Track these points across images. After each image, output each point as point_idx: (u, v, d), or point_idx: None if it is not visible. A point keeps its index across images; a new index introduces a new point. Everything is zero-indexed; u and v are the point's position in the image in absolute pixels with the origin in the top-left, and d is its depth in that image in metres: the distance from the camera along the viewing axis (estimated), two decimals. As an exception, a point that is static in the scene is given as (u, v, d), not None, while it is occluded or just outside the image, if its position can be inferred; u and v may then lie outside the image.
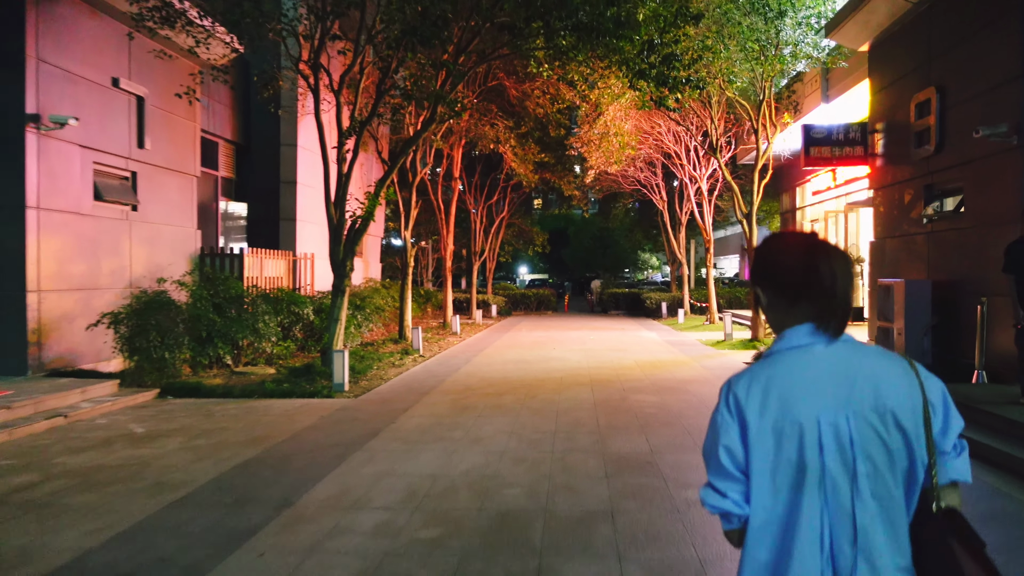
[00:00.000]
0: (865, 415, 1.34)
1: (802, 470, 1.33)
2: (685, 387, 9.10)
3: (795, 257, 1.44)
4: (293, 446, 6.14)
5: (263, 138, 15.60)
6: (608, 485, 4.87)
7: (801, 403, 1.35)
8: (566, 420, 7.12)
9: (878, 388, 1.35)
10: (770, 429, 1.36)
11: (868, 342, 11.44)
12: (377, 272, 21.82)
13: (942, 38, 9.08)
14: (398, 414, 7.54)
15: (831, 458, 1.33)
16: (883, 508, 1.32)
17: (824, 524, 1.32)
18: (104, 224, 10.02)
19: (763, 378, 1.40)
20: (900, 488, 1.35)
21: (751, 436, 1.38)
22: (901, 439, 1.34)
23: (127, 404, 8.14)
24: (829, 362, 1.38)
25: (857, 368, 1.37)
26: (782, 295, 1.46)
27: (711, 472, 1.45)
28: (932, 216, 9.42)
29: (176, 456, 5.81)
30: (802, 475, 1.33)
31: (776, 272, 1.47)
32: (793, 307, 1.44)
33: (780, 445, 1.35)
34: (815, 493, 1.33)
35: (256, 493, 4.78)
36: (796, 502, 1.34)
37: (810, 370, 1.37)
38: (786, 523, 1.35)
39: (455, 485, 4.92)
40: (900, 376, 1.37)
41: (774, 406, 1.36)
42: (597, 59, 10.51)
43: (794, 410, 1.35)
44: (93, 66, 9.73)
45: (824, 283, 1.38)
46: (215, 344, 9.93)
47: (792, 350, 1.42)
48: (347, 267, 10.11)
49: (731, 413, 1.42)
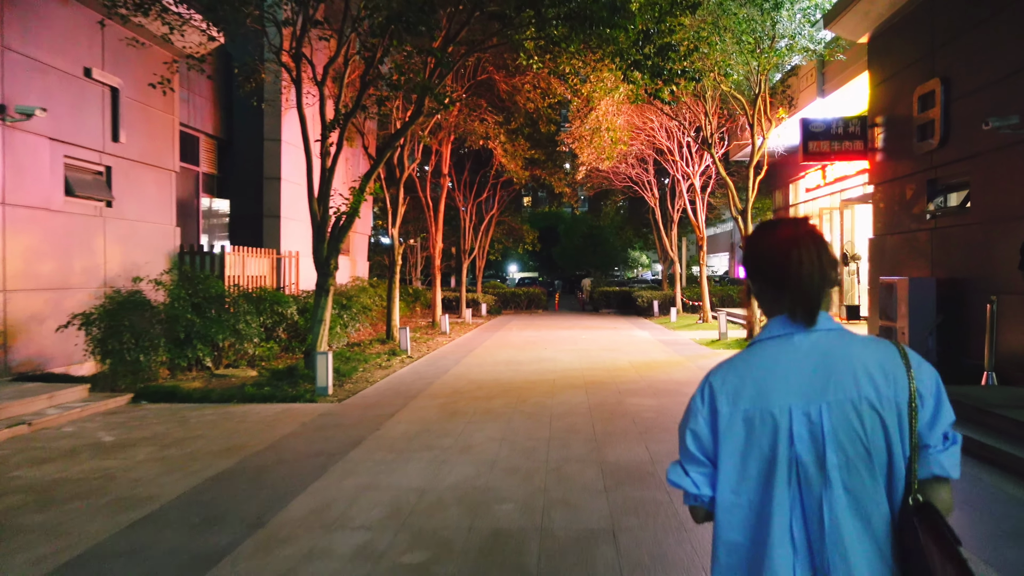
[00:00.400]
0: (840, 406, 1.32)
1: (773, 460, 1.33)
2: (682, 389, 8.78)
3: (774, 246, 1.43)
4: (271, 456, 5.76)
5: (246, 133, 15.16)
6: (608, 499, 4.53)
7: (774, 393, 1.34)
8: (560, 426, 6.78)
9: (857, 378, 1.33)
10: (741, 418, 1.36)
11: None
12: (365, 270, 21.41)
13: (947, 28, 8.80)
14: (384, 420, 7.17)
15: (802, 448, 1.32)
16: (855, 501, 1.30)
17: (793, 515, 1.31)
18: (76, 221, 9.57)
19: (739, 367, 1.41)
20: (878, 482, 1.32)
21: (721, 424, 1.38)
22: (880, 431, 1.32)
23: (97, 410, 7.72)
24: (807, 351, 1.37)
25: (837, 357, 1.35)
26: (766, 284, 1.45)
27: (680, 452, 1.47)
28: (936, 212, 9.15)
29: (144, 468, 5.42)
30: (772, 465, 1.33)
31: (759, 261, 1.47)
32: (777, 296, 1.43)
33: (751, 434, 1.35)
34: (784, 483, 1.32)
35: (227, 510, 4.40)
36: (767, 491, 1.33)
37: (786, 359, 1.37)
38: (758, 511, 1.34)
39: (443, 500, 4.56)
40: (885, 365, 1.35)
41: (747, 395, 1.36)
42: (590, 51, 10.18)
43: (767, 400, 1.35)
44: (63, 55, 9.28)
45: (792, 271, 1.37)
46: (194, 346, 9.51)
47: (771, 340, 1.41)
48: (331, 266, 9.72)
49: (703, 400, 1.43)
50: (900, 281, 8.89)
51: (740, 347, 13.50)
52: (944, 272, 8.85)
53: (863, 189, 15.61)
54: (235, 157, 15.24)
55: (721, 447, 1.38)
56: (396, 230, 15.50)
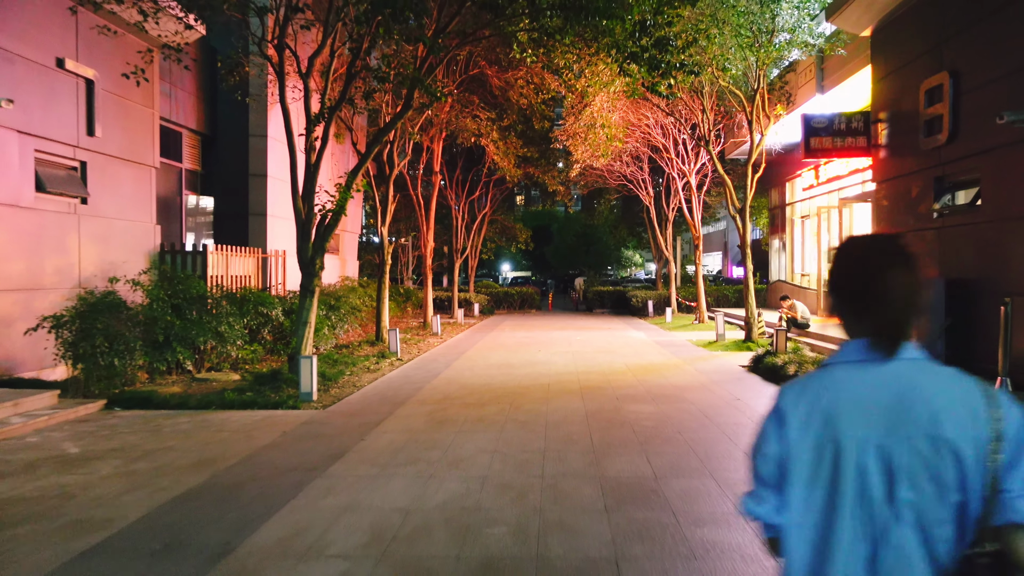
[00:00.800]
0: (915, 441, 1.25)
1: (838, 491, 1.28)
2: (682, 395, 8.43)
3: (862, 265, 1.35)
4: (245, 471, 5.37)
5: (231, 128, 14.72)
6: (609, 522, 4.16)
7: (845, 422, 1.29)
8: (556, 436, 6.41)
9: (936, 414, 1.25)
10: (811, 444, 1.31)
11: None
12: (355, 270, 20.99)
13: (956, 19, 8.47)
14: (369, 429, 6.78)
15: (871, 482, 1.26)
16: (924, 540, 1.24)
17: (858, 549, 1.26)
18: (48, 218, 9.13)
19: (811, 391, 1.35)
20: (950, 522, 1.24)
21: (791, 449, 1.34)
22: (955, 471, 1.24)
23: (66, 418, 7.30)
24: (885, 381, 1.29)
25: (916, 390, 1.28)
26: (849, 304, 1.38)
27: (753, 479, 1.43)
28: (943, 210, 8.83)
29: (107, 484, 5.01)
30: (838, 496, 1.28)
31: (843, 279, 1.39)
32: (859, 319, 1.36)
33: (819, 462, 1.30)
34: (849, 516, 1.26)
35: (192, 535, 4.01)
36: (831, 523, 1.28)
37: (861, 387, 1.30)
38: (821, 543, 1.29)
39: (429, 523, 4.18)
40: (967, 402, 1.26)
41: (817, 421, 1.31)
42: (585, 43, 9.83)
43: (837, 428, 1.29)
44: (33, 44, 8.84)
45: (878, 296, 1.31)
46: (173, 349, 9.11)
47: (845, 364, 1.35)
48: (317, 266, 9.31)
49: (775, 423, 1.38)
50: (907, 282, 8.55)
51: (738, 349, 13.17)
52: (953, 272, 8.53)
53: (862, 187, 15.32)
54: (220, 153, 14.79)
55: (790, 473, 1.34)
56: (386, 229, 15.09)
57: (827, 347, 11.90)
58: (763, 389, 8.81)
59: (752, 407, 7.64)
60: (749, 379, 9.59)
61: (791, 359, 9.53)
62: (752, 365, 10.46)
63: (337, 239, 19.36)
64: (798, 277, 20.65)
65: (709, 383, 9.13)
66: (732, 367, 10.80)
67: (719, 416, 7.20)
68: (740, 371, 10.36)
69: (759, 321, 13.93)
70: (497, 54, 15.18)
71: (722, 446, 5.97)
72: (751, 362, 10.64)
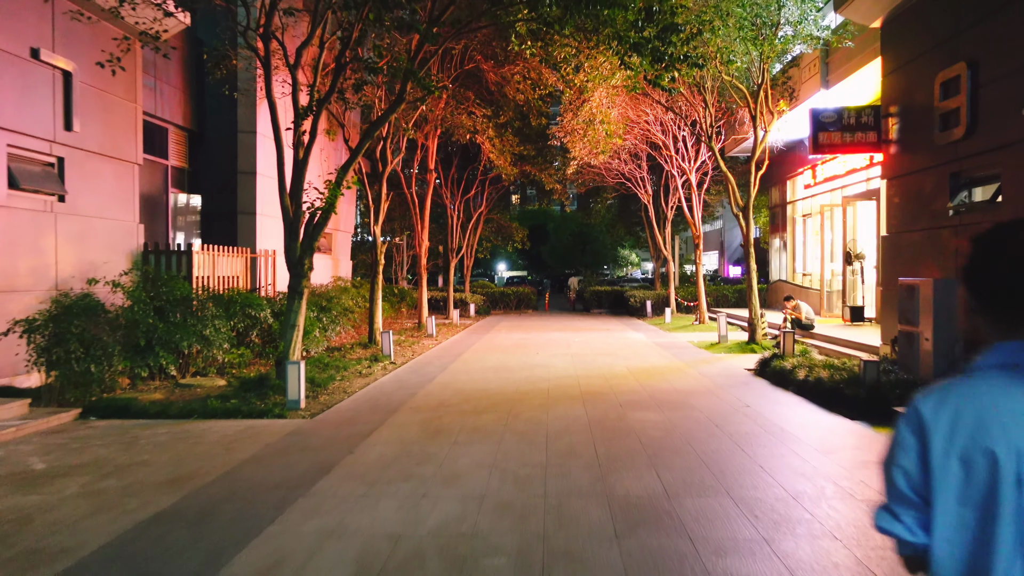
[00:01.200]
0: None
1: (995, 510, 1.14)
2: (688, 401, 8.04)
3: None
4: (223, 488, 4.95)
5: (219, 125, 14.27)
6: (620, 549, 3.76)
7: (1000, 430, 1.15)
8: (558, 447, 6.01)
9: None
10: (958, 456, 1.18)
11: (881, 347, 10.52)
12: (348, 270, 20.55)
13: (974, 7, 8.10)
14: (359, 440, 6.37)
15: None
16: None
17: (1019, 568, 1.12)
18: (21, 216, 8.69)
19: (956, 397, 1.22)
20: None
21: (934, 461, 1.21)
22: None
23: (36, 429, 6.87)
24: None
25: None
26: (1003, 301, 1.21)
27: (887, 493, 1.32)
28: (960, 207, 8.46)
29: (70, 506, 4.59)
30: (995, 512, 1.14)
31: (996, 273, 1.22)
32: (1017, 318, 1.20)
33: (969, 476, 1.17)
34: (1010, 538, 1.13)
35: (157, 568, 3.60)
36: (987, 542, 1.15)
37: (1019, 393, 1.15)
38: (974, 562, 1.16)
39: (421, 551, 3.78)
40: None
41: (965, 431, 1.18)
42: (585, 35, 9.43)
43: (990, 438, 1.15)
44: (5, 33, 8.40)
45: None
46: (156, 353, 8.71)
47: (1001, 368, 1.20)
48: (305, 266, 8.89)
49: (912, 433, 1.25)
50: (923, 283, 8.19)
51: (742, 351, 12.78)
52: (970, 273, 8.16)
53: (866, 185, 14.98)
54: (207, 150, 14.35)
55: (935, 489, 1.22)
56: (379, 228, 14.67)
57: (836, 350, 11.53)
58: (773, 395, 8.43)
59: (763, 415, 7.26)
60: (756, 383, 9.21)
61: (800, 362, 9.15)
62: (759, 368, 10.09)
63: (329, 238, 18.92)
64: (800, 277, 20.31)
65: (715, 388, 8.75)
66: (737, 370, 10.42)
67: (729, 425, 6.82)
68: (746, 375, 9.98)
69: (762, 322, 13.56)
70: (493, 48, 14.78)
71: (736, 459, 5.58)
72: (757, 365, 10.27)
